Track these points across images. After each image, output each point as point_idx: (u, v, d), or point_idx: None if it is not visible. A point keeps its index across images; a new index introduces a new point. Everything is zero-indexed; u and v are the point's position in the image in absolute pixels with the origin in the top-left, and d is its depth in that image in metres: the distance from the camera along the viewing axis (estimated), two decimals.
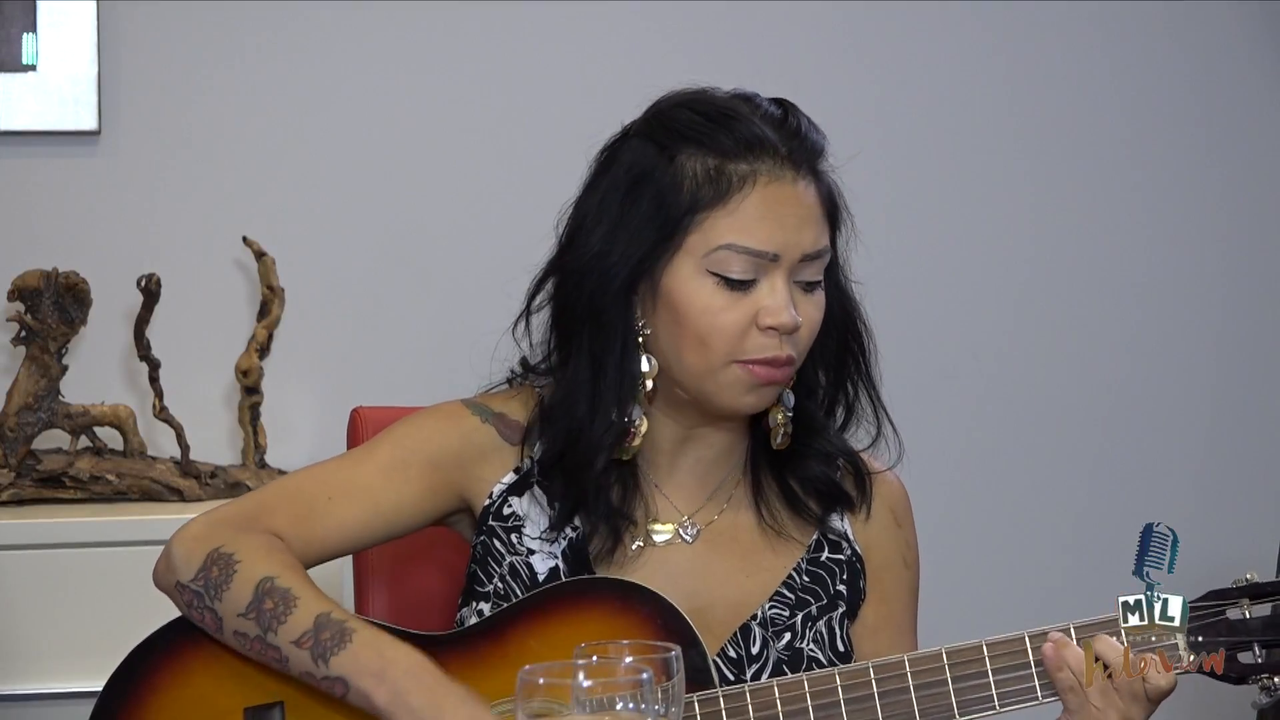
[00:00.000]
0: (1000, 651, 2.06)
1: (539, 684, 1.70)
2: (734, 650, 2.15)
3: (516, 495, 2.19)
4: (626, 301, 2.13)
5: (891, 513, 2.27)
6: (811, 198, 2.12)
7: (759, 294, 2.10)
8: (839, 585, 2.21)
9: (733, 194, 2.09)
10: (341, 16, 3.30)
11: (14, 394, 3.09)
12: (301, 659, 2.03)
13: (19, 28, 3.18)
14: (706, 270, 2.10)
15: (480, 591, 2.18)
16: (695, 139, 2.12)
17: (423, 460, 2.17)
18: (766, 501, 2.21)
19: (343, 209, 3.31)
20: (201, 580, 2.08)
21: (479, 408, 2.21)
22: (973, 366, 3.54)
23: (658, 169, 2.12)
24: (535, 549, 2.17)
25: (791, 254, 2.10)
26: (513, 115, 3.35)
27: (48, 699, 2.91)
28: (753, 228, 2.09)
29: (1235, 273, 3.63)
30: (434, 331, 3.34)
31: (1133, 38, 3.57)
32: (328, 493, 2.15)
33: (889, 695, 2.06)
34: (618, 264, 2.12)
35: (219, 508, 2.16)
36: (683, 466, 2.21)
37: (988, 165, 3.54)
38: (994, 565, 3.52)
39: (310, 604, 2.05)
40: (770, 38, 3.43)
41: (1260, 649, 2.04)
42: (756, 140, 2.10)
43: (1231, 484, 3.63)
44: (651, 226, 2.11)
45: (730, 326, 2.09)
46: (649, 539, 2.18)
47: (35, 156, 3.21)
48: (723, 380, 2.11)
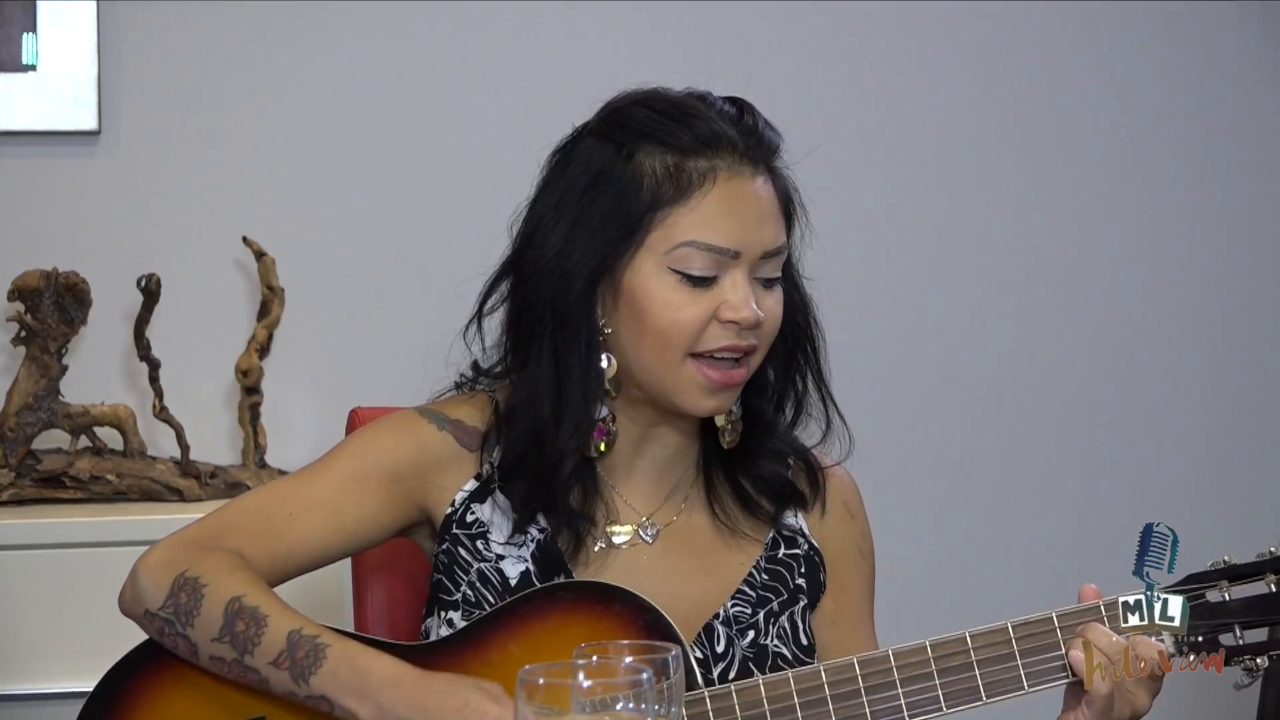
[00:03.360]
0: (984, 643, 2.07)
1: (539, 684, 1.70)
2: (700, 650, 2.15)
3: (479, 502, 2.18)
4: (588, 300, 2.13)
5: (845, 505, 2.28)
6: (770, 194, 2.13)
7: (720, 290, 2.10)
8: (798, 579, 2.21)
9: (693, 191, 2.10)
10: (341, 17, 3.30)
11: (14, 394, 3.09)
12: (282, 680, 2.02)
13: (19, 28, 3.18)
14: (668, 267, 2.10)
15: (447, 600, 2.17)
16: (653, 136, 2.12)
17: (381, 472, 2.16)
18: (720, 501, 2.22)
19: (343, 209, 3.31)
20: (170, 607, 2.07)
21: (435, 415, 2.20)
22: (971, 366, 3.54)
23: (616, 167, 2.12)
24: (504, 554, 2.17)
25: (752, 251, 2.10)
26: (513, 115, 3.35)
27: (48, 699, 2.91)
28: (714, 224, 2.09)
29: (1235, 272, 3.63)
30: (434, 331, 3.31)
31: (1133, 38, 3.57)
32: (288, 509, 2.14)
33: (875, 690, 2.06)
34: (579, 263, 2.12)
35: (179, 531, 2.14)
36: (640, 467, 2.21)
37: (987, 165, 3.54)
38: (993, 565, 3.52)
39: (280, 621, 2.03)
40: (770, 37, 3.43)
41: (1241, 630, 2.05)
42: (715, 136, 2.11)
43: (1231, 484, 3.63)
44: (612, 225, 2.11)
45: (691, 322, 2.09)
46: (609, 541, 2.18)
47: (35, 156, 3.21)
48: (681, 378, 2.11)
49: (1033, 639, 2.07)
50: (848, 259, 3.38)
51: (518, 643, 2.07)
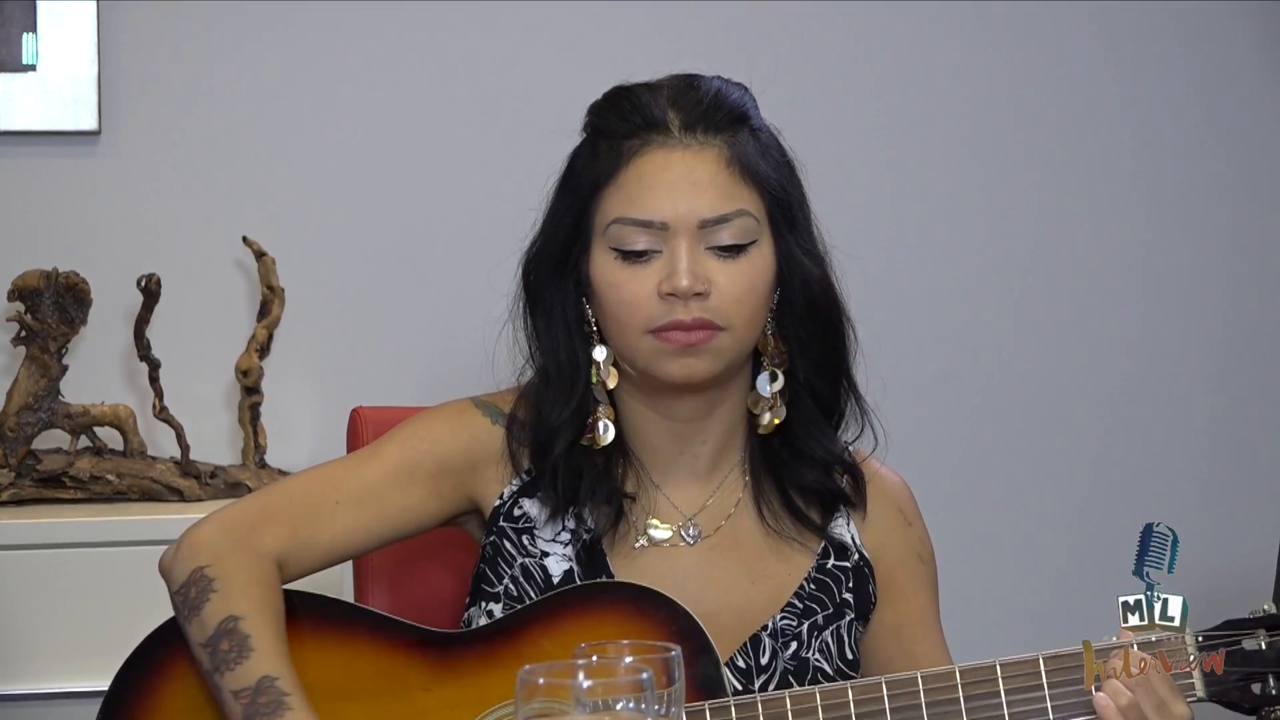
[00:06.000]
0: (1013, 673, 2.06)
1: (539, 684, 1.70)
2: (743, 660, 2.15)
3: (527, 497, 2.19)
4: (560, 287, 2.17)
5: (901, 512, 2.27)
6: (710, 162, 2.12)
7: (661, 263, 2.11)
8: (845, 594, 2.20)
9: (620, 168, 2.13)
10: (342, 17, 3.30)
11: (14, 394, 3.09)
12: (234, 711, 2.01)
13: (19, 28, 3.18)
14: (608, 247, 2.13)
15: (490, 592, 2.18)
16: (600, 126, 2.17)
17: (431, 463, 2.18)
18: (770, 507, 2.21)
19: (343, 209, 3.31)
20: (181, 596, 2.08)
21: (489, 408, 2.22)
22: (972, 366, 3.54)
23: (580, 160, 2.18)
24: (549, 550, 2.17)
25: (685, 220, 2.11)
26: (513, 115, 3.35)
27: (48, 699, 2.91)
28: (637, 198, 2.12)
29: (1235, 273, 3.63)
30: (434, 331, 3.34)
31: (1133, 38, 3.57)
32: (335, 497, 2.15)
33: (900, 711, 2.05)
34: (545, 250, 2.18)
35: (227, 508, 2.15)
36: (682, 465, 2.21)
37: (988, 165, 3.53)
38: (993, 565, 3.52)
39: (262, 661, 2.02)
40: (770, 37, 3.43)
41: (1275, 680, 2.03)
42: (645, 118, 2.14)
43: (1231, 484, 3.63)
44: (569, 212, 2.17)
45: (634, 299, 2.11)
46: (650, 538, 2.18)
47: (35, 156, 3.21)
48: (645, 352, 2.13)
49: (1062, 673, 2.05)
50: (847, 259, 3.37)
51: (551, 639, 2.08)
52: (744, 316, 2.13)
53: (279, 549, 2.11)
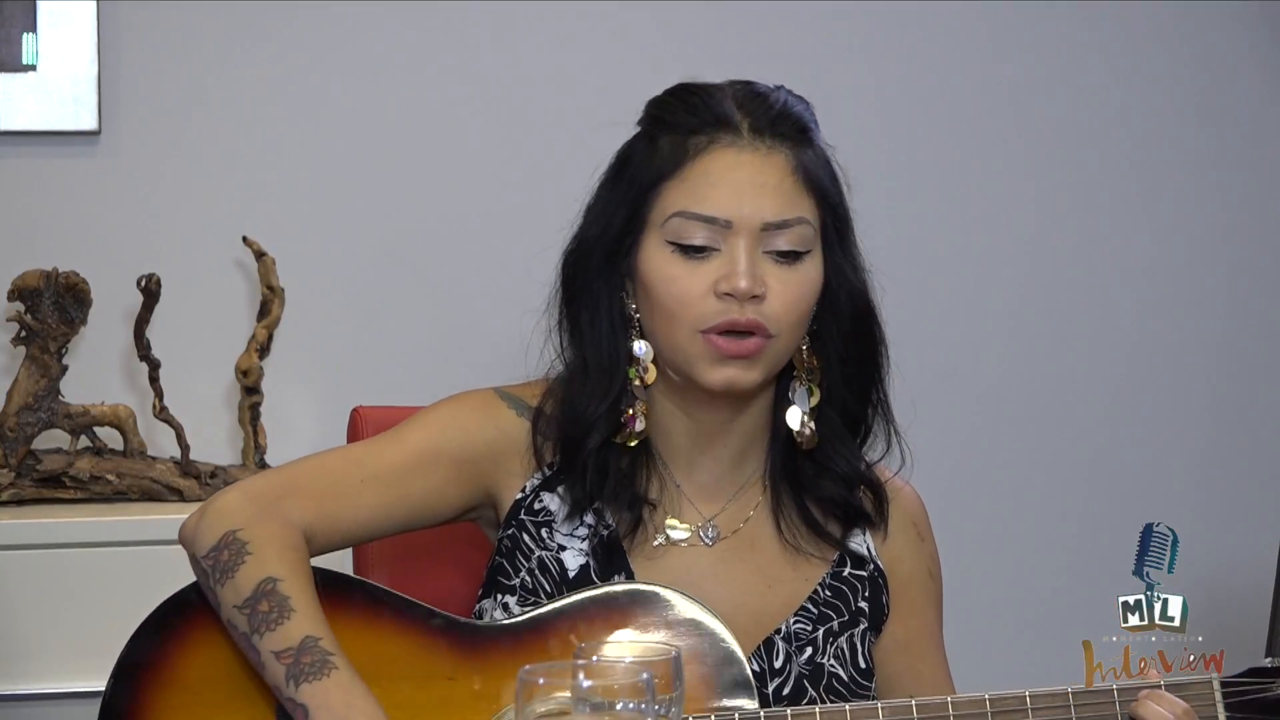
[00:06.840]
0: (1043, 704, 2.05)
1: (539, 684, 1.70)
2: (758, 663, 2.15)
3: (548, 490, 2.19)
4: (607, 280, 2.16)
5: (915, 526, 2.27)
6: (778, 167, 2.13)
7: (719, 261, 2.11)
8: (860, 602, 2.21)
9: (686, 163, 2.12)
10: (342, 17, 3.30)
11: (14, 394, 3.09)
12: (275, 672, 2.00)
13: (19, 28, 3.18)
14: (665, 240, 2.12)
15: (506, 584, 2.18)
16: (669, 121, 2.16)
17: (456, 449, 2.18)
18: (788, 518, 2.21)
19: (343, 209, 3.31)
20: (211, 560, 2.06)
21: (514, 400, 2.22)
22: (973, 366, 3.54)
23: (637, 152, 2.17)
24: (566, 545, 2.18)
25: (749, 221, 2.11)
26: (512, 115, 3.35)
27: (48, 699, 2.91)
28: (703, 194, 2.11)
29: (1235, 273, 3.63)
30: (434, 331, 3.34)
31: (1133, 38, 3.57)
32: (360, 474, 2.15)
33: None
34: (596, 241, 2.16)
35: (253, 479, 2.14)
36: (702, 465, 2.21)
37: (988, 164, 3.53)
38: (993, 565, 3.52)
39: (303, 621, 2.02)
40: (771, 38, 3.43)
41: None
42: (717, 115, 2.14)
43: (1231, 484, 3.63)
44: (625, 204, 2.15)
45: (689, 294, 2.11)
46: (668, 537, 2.18)
47: (35, 156, 3.21)
48: (692, 353, 2.12)
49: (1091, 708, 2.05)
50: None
51: (579, 635, 2.07)
52: (792, 324, 2.14)
53: (305, 522, 2.11)
